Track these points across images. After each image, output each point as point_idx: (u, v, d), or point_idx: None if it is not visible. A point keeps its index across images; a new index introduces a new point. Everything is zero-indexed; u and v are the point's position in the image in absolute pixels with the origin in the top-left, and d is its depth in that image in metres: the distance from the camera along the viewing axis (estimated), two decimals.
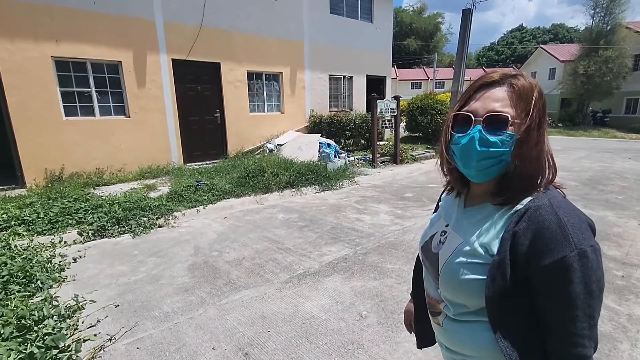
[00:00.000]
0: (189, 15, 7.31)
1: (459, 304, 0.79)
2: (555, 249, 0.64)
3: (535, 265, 0.66)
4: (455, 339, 0.82)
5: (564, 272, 0.64)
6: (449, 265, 0.78)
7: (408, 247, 3.83)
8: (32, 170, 5.83)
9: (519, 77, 0.74)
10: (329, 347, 2.26)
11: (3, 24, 5.38)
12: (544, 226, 0.66)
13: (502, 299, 0.70)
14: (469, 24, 9.81)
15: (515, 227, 0.69)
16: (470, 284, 0.74)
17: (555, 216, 0.66)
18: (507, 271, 0.68)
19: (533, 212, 0.68)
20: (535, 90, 0.73)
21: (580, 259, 0.63)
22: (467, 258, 0.75)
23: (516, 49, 54.79)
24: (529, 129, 0.71)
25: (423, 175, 7.90)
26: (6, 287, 2.81)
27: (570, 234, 0.64)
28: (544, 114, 0.73)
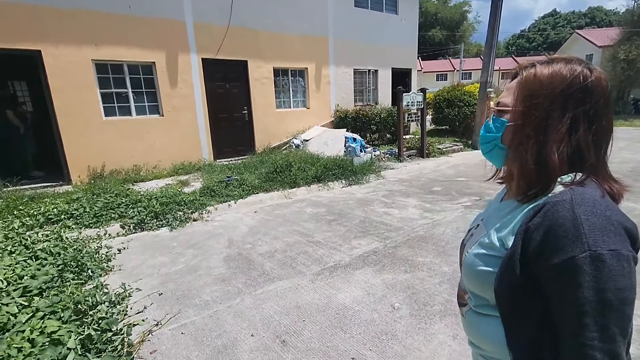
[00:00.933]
0: (217, 15, 7.50)
1: (479, 296, 0.79)
2: (564, 248, 0.60)
3: (543, 263, 0.63)
4: (475, 331, 0.83)
5: (571, 274, 0.59)
6: (469, 256, 0.80)
7: (438, 240, 3.81)
8: (76, 168, 6.22)
9: (535, 66, 0.73)
10: (363, 336, 2.32)
11: (48, 30, 5.74)
12: (557, 223, 0.62)
13: (511, 294, 0.68)
14: (499, 11, 9.45)
15: (529, 222, 0.66)
16: (484, 275, 0.74)
17: (571, 213, 0.62)
18: (516, 266, 0.66)
19: (549, 208, 0.64)
20: (539, 81, 0.71)
21: (593, 262, 0.58)
22: (484, 250, 0.76)
23: (549, 35, 52.17)
24: (516, 116, 0.74)
25: (451, 169, 7.76)
26: (62, 275, 3.05)
27: (584, 234, 0.59)
28: (546, 105, 0.69)
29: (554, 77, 0.70)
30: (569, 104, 0.68)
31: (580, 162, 0.69)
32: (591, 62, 0.72)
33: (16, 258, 3.21)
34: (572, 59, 0.72)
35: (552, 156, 0.68)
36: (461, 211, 4.78)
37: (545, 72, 0.71)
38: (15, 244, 3.53)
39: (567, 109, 0.68)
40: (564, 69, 0.70)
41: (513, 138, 0.75)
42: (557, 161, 0.68)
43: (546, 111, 0.69)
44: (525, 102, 0.72)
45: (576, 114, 0.68)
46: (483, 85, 9.77)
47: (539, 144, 0.70)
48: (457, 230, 4.07)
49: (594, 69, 0.70)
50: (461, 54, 31.92)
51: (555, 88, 0.69)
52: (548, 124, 0.69)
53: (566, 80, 0.69)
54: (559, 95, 0.69)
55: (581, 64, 0.70)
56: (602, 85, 0.69)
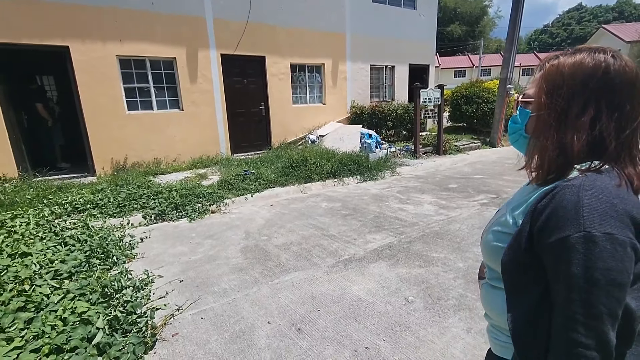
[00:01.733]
0: (236, 11, 7.60)
1: (492, 269, 0.85)
2: (562, 227, 0.64)
3: (543, 241, 0.67)
4: (487, 302, 0.89)
5: (565, 252, 0.63)
6: (487, 232, 0.87)
7: (454, 236, 3.81)
8: (100, 160, 6.46)
9: (559, 57, 0.76)
10: (376, 327, 2.36)
11: (76, 27, 5.96)
12: (562, 205, 0.65)
13: (515, 268, 0.73)
14: (521, 5, 9.22)
15: (539, 203, 0.70)
16: (496, 250, 0.80)
17: (575, 197, 0.65)
18: (522, 242, 0.71)
19: (558, 191, 0.68)
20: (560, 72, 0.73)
21: (586, 242, 0.61)
22: (500, 227, 0.82)
23: (573, 30, 50.42)
24: (539, 106, 0.77)
25: (468, 167, 7.67)
26: (89, 260, 3.21)
27: (582, 216, 0.62)
28: (568, 95, 0.71)
29: (576, 68, 0.71)
30: (590, 93, 0.69)
31: (601, 150, 0.70)
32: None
33: (47, 244, 3.39)
34: (597, 48, 0.72)
35: (572, 144, 0.70)
36: (477, 208, 4.74)
37: (567, 63, 0.73)
38: (45, 230, 3.73)
39: (590, 98, 0.69)
40: (587, 59, 0.71)
41: (535, 127, 0.78)
42: (577, 148, 0.70)
43: (567, 101, 0.71)
44: (547, 93, 0.74)
45: (599, 103, 0.69)
46: (503, 82, 9.57)
47: (560, 132, 0.72)
48: (472, 227, 4.05)
49: (619, 56, 0.70)
50: (480, 49, 31.23)
51: (577, 78, 0.71)
52: (569, 113, 0.71)
53: (587, 70, 0.70)
54: (579, 84, 0.70)
55: (606, 52, 0.71)
56: (627, 72, 0.69)
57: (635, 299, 0.66)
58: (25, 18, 5.59)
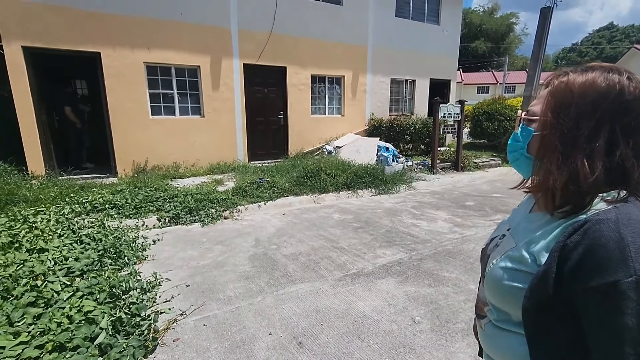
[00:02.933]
0: (260, 22, 7.80)
1: (502, 311, 0.77)
2: (607, 271, 0.56)
3: (581, 285, 0.59)
4: (494, 346, 0.80)
5: (613, 299, 0.56)
6: (494, 269, 0.76)
7: (467, 256, 3.68)
8: (122, 162, 6.68)
9: (569, 74, 0.69)
10: (380, 347, 2.29)
11: (108, 34, 6.26)
12: (600, 243, 0.58)
13: (540, 314, 0.65)
14: (548, 22, 9.05)
15: (568, 240, 0.62)
16: (511, 291, 0.71)
17: (617, 234, 0.57)
18: (549, 285, 0.62)
19: (591, 226, 0.60)
20: (569, 90, 0.67)
21: (639, 288, 0.54)
22: (512, 264, 0.72)
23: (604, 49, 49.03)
24: (543, 126, 0.70)
25: (486, 184, 7.46)
26: (101, 260, 3.28)
27: (631, 257, 0.55)
28: (576, 115, 0.65)
29: (587, 87, 0.65)
30: (603, 116, 0.63)
31: (623, 179, 0.64)
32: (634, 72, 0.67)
33: (64, 241, 3.50)
34: (611, 67, 0.67)
35: (581, 169, 0.63)
36: (493, 228, 4.57)
37: (578, 81, 0.66)
38: (64, 228, 3.85)
39: (602, 121, 0.63)
40: (599, 78, 0.65)
41: (539, 148, 0.71)
42: (589, 175, 0.63)
43: (575, 121, 0.64)
44: (553, 111, 0.68)
45: (613, 127, 0.63)
46: (526, 100, 9.35)
47: (566, 156, 0.65)
48: None
49: (635, 78, 0.65)
50: (505, 66, 30.73)
51: (587, 98, 0.64)
52: (577, 135, 0.64)
53: (600, 90, 0.64)
54: (590, 104, 0.64)
55: (622, 73, 0.65)
56: None
57: None
58: (61, 24, 5.91)
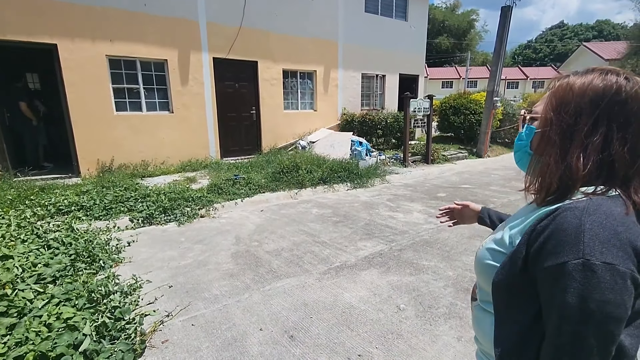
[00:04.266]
0: (229, 15, 7.60)
1: (484, 290, 0.82)
2: (560, 252, 0.61)
3: (539, 264, 0.64)
4: (478, 326, 0.86)
5: (560, 278, 0.60)
6: (481, 250, 0.84)
7: (443, 245, 3.86)
8: (86, 160, 6.31)
9: (570, 76, 0.75)
10: (369, 335, 2.37)
11: (66, 25, 5.85)
12: (562, 228, 0.62)
13: (507, 290, 0.71)
14: (508, 21, 9.53)
15: (538, 224, 0.67)
16: (488, 268, 0.78)
17: (578, 220, 0.61)
18: (517, 263, 0.68)
19: (560, 212, 0.65)
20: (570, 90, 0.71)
21: (584, 271, 0.58)
22: (495, 245, 0.79)
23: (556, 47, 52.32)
24: (544, 123, 0.75)
25: (455, 176, 7.81)
26: (74, 264, 3.11)
27: (583, 242, 0.59)
28: (575, 113, 0.69)
29: (586, 87, 0.69)
30: (600, 114, 0.67)
31: (610, 174, 0.67)
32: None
33: (29, 246, 3.27)
34: (610, 70, 0.71)
35: (575, 163, 0.67)
36: None
37: (577, 82, 0.71)
38: (27, 232, 3.60)
39: (600, 118, 0.67)
40: (597, 80, 0.69)
41: (539, 144, 0.76)
42: (582, 169, 0.67)
43: (574, 118, 0.69)
44: (554, 109, 0.73)
45: (610, 125, 0.67)
46: (490, 94, 9.83)
47: (563, 150, 0.70)
48: (461, 236, 4.12)
49: (632, 78, 0.69)
50: (467, 62, 32.01)
51: (585, 97, 0.69)
52: (574, 130, 0.69)
53: (598, 91, 0.68)
54: (588, 102, 0.68)
55: (619, 74, 0.69)
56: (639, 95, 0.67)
57: (630, 336, 0.63)
58: (13, 13, 5.45)
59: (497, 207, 5.28)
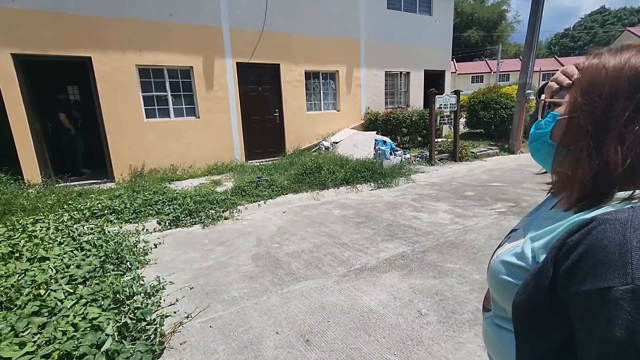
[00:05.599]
0: (251, 20, 7.73)
1: (499, 305, 0.74)
2: (601, 275, 0.50)
3: (574, 287, 0.54)
4: (492, 343, 0.78)
5: (604, 306, 0.50)
6: (495, 262, 0.73)
7: (470, 247, 3.68)
8: (119, 166, 6.63)
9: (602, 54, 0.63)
10: (387, 341, 2.29)
11: (98, 38, 6.19)
12: (601, 245, 0.52)
13: (531, 313, 0.61)
14: (541, 9, 9.01)
15: (569, 238, 0.56)
16: (505, 285, 0.68)
17: (621, 237, 0.51)
18: (544, 283, 0.58)
19: (596, 225, 0.54)
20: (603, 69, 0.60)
21: (634, 299, 0.48)
22: (513, 259, 0.68)
23: (596, 33, 49.10)
24: (572, 108, 0.63)
25: (485, 174, 7.47)
26: (103, 266, 3.26)
27: (631, 264, 0.49)
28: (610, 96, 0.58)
29: (622, 66, 0.59)
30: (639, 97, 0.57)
31: None
32: None
33: (64, 248, 3.47)
34: None
35: (613, 158, 0.57)
36: (495, 217, 4.59)
37: (612, 61, 0.60)
38: (64, 235, 3.83)
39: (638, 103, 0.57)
40: (635, 58, 0.59)
41: (566, 133, 0.64)
42: (620, 165, 0.56)
43: (609, 103, 0.58)
44: (583, 92, 0.61)
45: None
46: (522, 87, 9.34)
47: (597, 141, 0.59)
48: (489, 237, 3.91)
49: None
50: (499, 54, 30.67)
51: (622, 77, 0.58)
52: (609, 117, 0.58)
53: (636, 69, 0.58)
54: (626, 86, 0.57)
55: None
56: None
57: None
58: (51, 30, 5.84)
59: (530, 206, 4.99)
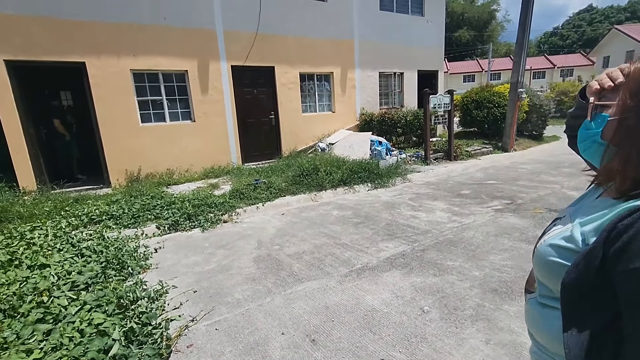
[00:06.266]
0: (246, 23, 7.75)
1: (544, 286, 0.79)
2: None
3: (623, 266, 0.59)
4: (536, 323, 0.83)
5: None
6: (543, 246, 0.79)
7: (468, 244, 3.74)
8: (115, 171, 6.60)
9: None
10: (392, 338, 2.33)
11: (93, 43, 6.16)
12: None
13: (580, 290, 0.66)
14: (531, 8, 9.15)
15: (619, 223, 0.62)
16: (554, 266, 0.73)
17: None
18: (593, 264, 0.63)
19: None
20: None
21: None
22: (562, 242, 0.74)
23: (585, 32, 49.84)
24: (622, 110, 0.68)
25: (480, 172, 7.56)
26: (105, 271, 3.25)
27: None
28: None
29: None
30: None
31: None
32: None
33: (64, 255, 3.45)
34: None
35: None
36: (492, 215, 4.66)
37: None
38: (63, 242, 3.80)
39: None
40: None
41: (616, 133, 0.70)
42: None
43: None
44: (632, 95, 0.67)
45: None
46: (514, 86, 9.47)
47: None
48: (487, 234, 3.98)
49: None
50: (489, 54, 30.99)
51: None
52: None
53: None
54: None
55: None
56: None
57: None
58: (44, 35, 5.80)
59: (525, 203, 5.08)
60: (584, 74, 27.00)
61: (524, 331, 2.31)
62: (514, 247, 3.63)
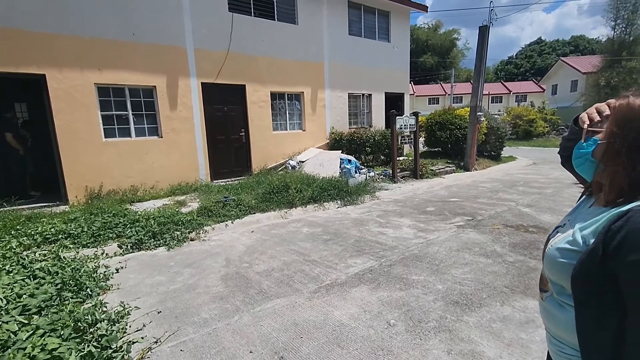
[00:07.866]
0: (217, 41, 7.81)
1: (557, 284, 0.92)
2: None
3: (621, 259, 0.71)
4: (552, 317, 0.95)
5: None
6: (551, 250, 0.93)
7: (432, 259, 3.90)
8: (74, 187, 6.27)
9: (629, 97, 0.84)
10: (359, 352, 2.37)
11: (53, 55, 5.95)
12: (638, 228, 0.70)
13: (586, 282, 0.79)
14: (486, 40, 9.95)
15: (612, 225, 0.75)
16: (562, 266, 0.87)
17: None
18: (595, 259, 0.76)
19: (633, 214, 0.72)
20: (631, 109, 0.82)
21: None
22: (567, 245, 0.88)
23: (535, 62, 54.29)
24: (609, 136, 0.84)
25: (444, 190, 7.92)
26: (60, 294, 3.07)
27: None
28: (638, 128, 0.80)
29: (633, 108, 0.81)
30: None
31: None
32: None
33: (14, 277, 3.22)
34: None
35: None
36: (454, 231, 4.89)
37: (637, 102, 0.82)
38: (12, 263, 3.54)
39: None
40: None
41: (605, 154, 0.85)
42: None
43: (638, 132, 0.79)
44: (617, 125, 0.82)
45: None
46: (473, 109, 10.12)
47: (632, 159, 0.79)
48: (450, 250, 4.17)
49: None
50: (452, 78, 32.95)
51: None
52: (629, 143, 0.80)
53: None
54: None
55: None
56: None
57: None
58: (0, 46, 5.54)
59: (485, 219, 5.38)
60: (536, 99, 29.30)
61: (482, 340, 2.44)
62: (474, 261, 3.83)
